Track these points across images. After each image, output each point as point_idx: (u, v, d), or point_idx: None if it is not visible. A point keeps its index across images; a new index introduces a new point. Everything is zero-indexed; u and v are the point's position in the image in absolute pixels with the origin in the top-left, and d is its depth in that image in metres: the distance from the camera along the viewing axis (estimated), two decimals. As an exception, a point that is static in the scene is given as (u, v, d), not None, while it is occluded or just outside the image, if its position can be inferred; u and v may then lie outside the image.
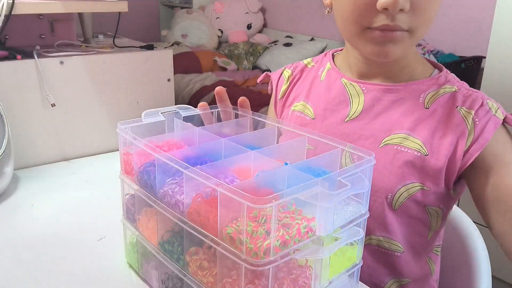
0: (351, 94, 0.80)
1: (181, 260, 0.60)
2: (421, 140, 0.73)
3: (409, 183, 0.73)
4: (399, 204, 0.74)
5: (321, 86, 0.85)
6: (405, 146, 0.74)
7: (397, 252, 0.78)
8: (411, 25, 0.68)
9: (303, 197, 0.50)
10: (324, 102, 0.83)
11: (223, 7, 3.76)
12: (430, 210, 0.76)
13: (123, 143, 0.68)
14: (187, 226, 0.57)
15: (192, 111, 0.76)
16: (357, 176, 0.55)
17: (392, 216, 0.75)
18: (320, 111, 0.83)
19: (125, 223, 0.73)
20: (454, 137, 0.71)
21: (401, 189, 0.73)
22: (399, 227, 0.76)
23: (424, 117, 0.74)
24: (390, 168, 0.74)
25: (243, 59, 3.38)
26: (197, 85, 2.81)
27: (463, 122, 0.72)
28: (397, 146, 0.74)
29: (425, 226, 0.78)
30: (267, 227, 0.48)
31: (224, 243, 0.51)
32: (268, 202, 0.47)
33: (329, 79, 0.84)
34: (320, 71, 0.87)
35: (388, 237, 0.77)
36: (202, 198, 0.55)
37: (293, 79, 0.91)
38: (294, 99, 0.89)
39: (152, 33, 4.12)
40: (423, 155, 0.73)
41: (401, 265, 0.79)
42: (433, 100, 0.75)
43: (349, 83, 0.81)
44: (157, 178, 0.60)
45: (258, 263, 0.48)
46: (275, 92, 0.93)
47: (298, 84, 0.90)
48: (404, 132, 0.74)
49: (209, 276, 0.56)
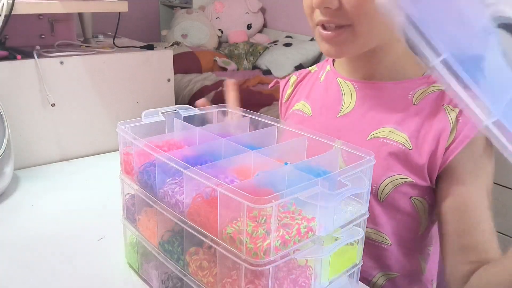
0: (344, 91, 0.83)
1: (181, 260, 0.60)
2: (406, 134, 0.75)
3: (393, 175, 0.75)
4: (384, 195, 0.75)
5: (320, 86, 0.89)
6: (390, 139, 0.76)
7: (384, 244, 0.79)
8: (348, 20, 0.70)
9: (303, 197, 0.50)
10: (321, 101, 0.87)
11: (223, 7, 3.76)
12: (416, 201, 0.77)
13: (123, 143, 0.68)
14: (187, 226, 0.56)
15: (192, 111, 0.76)
16: (357, 176, 0.55)
17: (379, 208, 0.77)
18: (317, 108, 0.87)
19: (125, 223, 0.73)
20: (437, 133, 0.73)
21: (386, 180, 0.75)
22: (388, 221, 0.77)
23: (411, 113, 0.76)
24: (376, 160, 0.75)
25: (243, 59, 3.38)
26: (197, 85, 2.81)
27: (447, 120, 0.73)
28: (383, 138, 0.76)
29: (415, 220, 0.79)
30: (267, 227, 0.48)
31: (224, 243, 0.51)
32: (268, 202, 0.47)
33: (327, 79, 0.88)
34: (321, 74, 0.92)
35: (376, 228, 0.78)
36: (202, 198, 0.55)
37: (297, 84, 0.96)
38: (296, 100, 0.93)
39: (152, 33, 4.12)
40: (407, 149, 0.74)
41: (388, 258, 0.80)
42: (422, 97, 0.76)
43: (343, 81, 0.84)
44: (157, 178, 0.60)
45: (258, 263, 0.48)
46: (281, 96, 0.98)
47: (301, 88, 0.95)
48: (390, 126, 0.76)
49: (209, 276, 0.55)
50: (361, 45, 0.74)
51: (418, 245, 0.82)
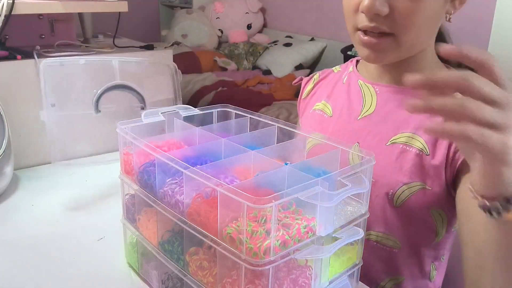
0: (365, 94, 0.83)
1: (181, 260, 0.60)
2: (424, 139, 0.74)
3: (411, 182, 0.74)
4: (400, 202, 0.75)
5: (342, 88, 0.89)
6: (410, 145, 0.75)
7: (395, 249, 0.79)
8: (393, 29, 0.69)
9: (303, 197, 0.50)
10: (342, 102, 0.87)
11: (223, 7, 3.76)
12: (434, 213, 0.76)
13: (123, 143, 0.68)
14: (187, 226, 0.57)
15: (192, 111, 0.76)
16: (357, 176, 0.55)
17: (393, 213, 0.76)
18: (338, 110, 0.87)
19: (125, 223, 0.73)
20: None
21: (403, 186, 0.74)
22: (401, 226, 0.77)
23: (428, 116, 0.75)
24: (395, 166, 0.75)
25: (243, 59, 3.38)
26: (197, 85, 2.81)
27: None
28: (403, 145, 0.76)
29: (431, 229, 0.78)
30: (267, 227, 0.48)
31: (224, 243, 0.51)
32: (268, 202, 0.47)
33: (350, 81, 0.88)
34: (344, 75, 0.91)
35: (387, 233, 0.78)
36: (202, 198, 0.55)
37: (317, 83, 0.96)
38: (316, 99, 0.93)
39: (152, 33, 4.12)
40: (425, 155, 0.74)
41: (397, 261, 0.79)
42: None
43: (364, 84, 0.84)
44: (157, 178, 0.60)
45: (258, 263, 0.48)
46: (301, 92, 0.99)
47: (322, 86, 0.95)
48: (409, 131, 0.76)
49: (209, 276, 0.56)
50: (402, 54, 0.74)
51: (432, 253, 0.81)
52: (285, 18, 3.63)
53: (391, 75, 0.81)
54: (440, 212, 0.76)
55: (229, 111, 0.78)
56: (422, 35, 0.72)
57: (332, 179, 0.53)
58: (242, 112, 0.76)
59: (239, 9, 3.73)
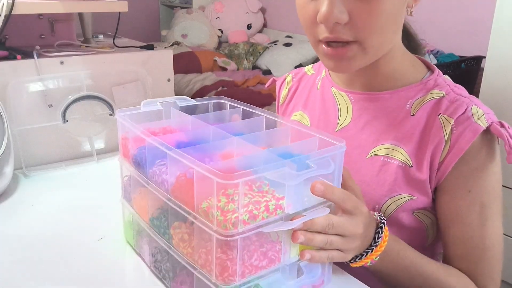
0: (339, 103, 0.81)
1: (166, 234, 0.65)
2: (405, 150, 0.73)
3: (396, 195, 0.73)
4: (387, 215, 0.74)
5: (317, 95, 0.87)
6: (391, 157, 0.73)
7: None
8: (356, 36, 0.65)
9: (270, 176, 0.55)
10: (319, 113, 0.85)
11: (223, 7, 3.76)
12: (420, 215, 0.75)
13: (121, 129, 0.73)
14: (171, 203, 0.61)
15: (188, 101, 0.80)
16: (324, 160, 0.59)
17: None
18: (315, 121, 0.85)
19: (123, 202, 0.78)
20: (432, 147, 0.71)
21: (388, 201, 0.73)
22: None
23: (409, 126, 0.74)
24: (377, 181, 0.74)
25: (243, 59, 3.39)
26: (197, 85, 2.81)
27: (441, 132, 0.70)
28: (384, 157, 0.74)
29: (421, 233, 0.77)
30: (239, 203, 0.53)
31: (200, 217, 0.56)
32: (236, 178, 0.52)
33: (323, 88, 0.86)
34: (317, 79, 0.88)
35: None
36: (185, 177, 0.60)
37: (291, 87, 0.93)
38: (293, 108, 0.91)
39: (152, 33, 4.12)
40: (408, 167, 0.72)
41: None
42: (419, 106, 0.74)
43: (338, 92, 0.82)
44: (147, 159, 0.65)
45: (227, 234, 0.53)
46: (278, 97, 0.96)
47: (298, 93, 0.92)
48: (390, 142, 0.74)
49: (188, 247, 0.61)
50: (370, 59, 0.70)
51: (428, 253, 0.79)
52: (285, 18, 3.63)
53: (363, 79, 0.78)
54: (425, 213, 0.75)
55: (224, 103, 0.82)
56: (387, 36, 0.68)
57: (300, 161, 0.57)
58: (235, 103, 0.80)
59: (239, 9, 3.73)
